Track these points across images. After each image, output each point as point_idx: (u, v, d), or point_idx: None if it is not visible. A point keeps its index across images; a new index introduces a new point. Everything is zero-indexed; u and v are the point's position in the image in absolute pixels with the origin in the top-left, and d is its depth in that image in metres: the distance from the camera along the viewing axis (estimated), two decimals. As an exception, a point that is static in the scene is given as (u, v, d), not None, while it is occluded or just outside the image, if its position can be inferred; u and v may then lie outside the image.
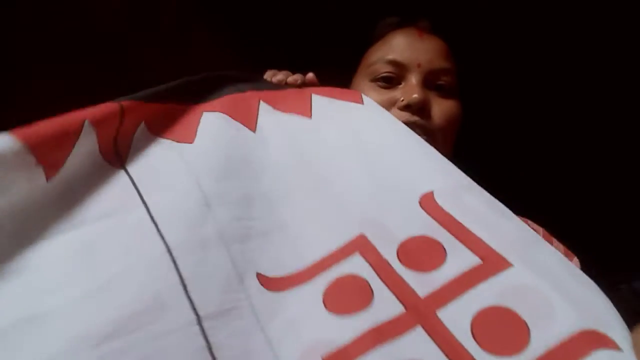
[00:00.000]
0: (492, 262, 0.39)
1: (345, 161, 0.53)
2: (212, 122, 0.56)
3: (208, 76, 0.62)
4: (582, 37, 1.47)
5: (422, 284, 0.40)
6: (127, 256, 0.42)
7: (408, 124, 0.64)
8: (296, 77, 0.65)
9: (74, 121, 0.45)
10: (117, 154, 0.50)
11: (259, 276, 0.43)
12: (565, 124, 1.73)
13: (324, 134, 0.57)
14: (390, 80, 0.68)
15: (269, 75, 0.69)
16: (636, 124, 1.64)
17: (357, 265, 0.42)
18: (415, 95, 0.64)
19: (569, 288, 0.38)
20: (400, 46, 0.68)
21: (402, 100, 0.65)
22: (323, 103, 0.59)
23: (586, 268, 0.63)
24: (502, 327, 0.35)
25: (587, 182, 1.88)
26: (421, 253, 0.42)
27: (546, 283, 0.38)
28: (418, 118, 0.65)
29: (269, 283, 0.43)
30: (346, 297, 0.41)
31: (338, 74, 0.77)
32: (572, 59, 1.52)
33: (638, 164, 1.69)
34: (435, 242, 0.43)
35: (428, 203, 0.46)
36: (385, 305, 0.39)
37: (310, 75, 0.67)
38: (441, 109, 0.66)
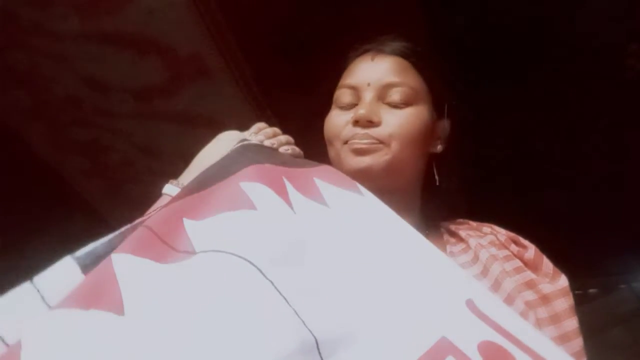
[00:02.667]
0: None
1: (385, 259, 0.56)
2: (258, 191, 0.56)
3: (223, 158, 0.63)
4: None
5: None
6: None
7: (357, 136, 0.70)
8: (286, 147, 0.69)
9: None
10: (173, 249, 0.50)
11: None
12: (548, 133, 1.73)
13: (350, 228, 0.58)
14: (350, 103, 0.74)
15: (255, 129, 0.73)
16: (626, 132, 1.65)
17: None
18: (361, 111, 0.70)
19: None
20: (354, 71, 0.76)
21: (352, 117, 0.71)
22: (329, 191, 0.62)
23: (572, 285, 0.67)
24: None
25: (586, 184, 1.89)
26: (498, 356, 0.47)
27: None
28: (367, 130, 0.70)
29: None
30: None
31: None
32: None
33: (636, 168, 1.69)
34: (502, 348, 0.47)
35: (475, 310, 0.50)
36: None
37: (290, 141, 0.72)
38: (393, 118, 0.71)
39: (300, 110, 0.76)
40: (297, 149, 0.70)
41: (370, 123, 0.70)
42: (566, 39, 1.48)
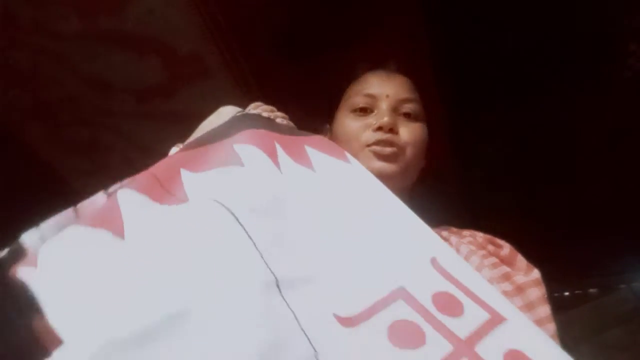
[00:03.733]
0: (496, 316, 0.53)
1: (359, 219, 0.62)
2: (249, 152, 0.64)
3: (231, 119, 0.72)
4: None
5: (457, 327, 0.51)
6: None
7: (380, 141, 0.78)
8: (282, 119, 0.77)
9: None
10: (170, 194, 0.59)
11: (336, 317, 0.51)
12: (548, 133, 1.73)
13: (331, 191, 0.65)
14: (366, 110, 0.83)
15: (253, 106, 0.79)
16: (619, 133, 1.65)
17: (405, 311, 0.52)
18: (385, 119, 0.79)
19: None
20: (372, 83, 0.86)
21: (375, 123, 0.80)
22: (318, 157, 0.69)
23: (546, 279, 0.73)
24: None
25: (586, 184, 1.89)
26: (449, 303, 0.53)
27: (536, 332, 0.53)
28: (389, 135, 0.78)
29: (343, 321, 0.50)
30: (406, 335, 0.50)
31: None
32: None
33: (636, 168, 1.69)
34: (454, 297, 0.54)
35: (437, 266, 0.57)
36: (438, 343, 0.49)
37: (285, 117, 0.79)
38: (408, 130, 0.81)
39: (299, 110, 0.76)
40: (292, 123, 0.78)
41: (391, 130, 0.79)
42: (566, 39, 1.48)
